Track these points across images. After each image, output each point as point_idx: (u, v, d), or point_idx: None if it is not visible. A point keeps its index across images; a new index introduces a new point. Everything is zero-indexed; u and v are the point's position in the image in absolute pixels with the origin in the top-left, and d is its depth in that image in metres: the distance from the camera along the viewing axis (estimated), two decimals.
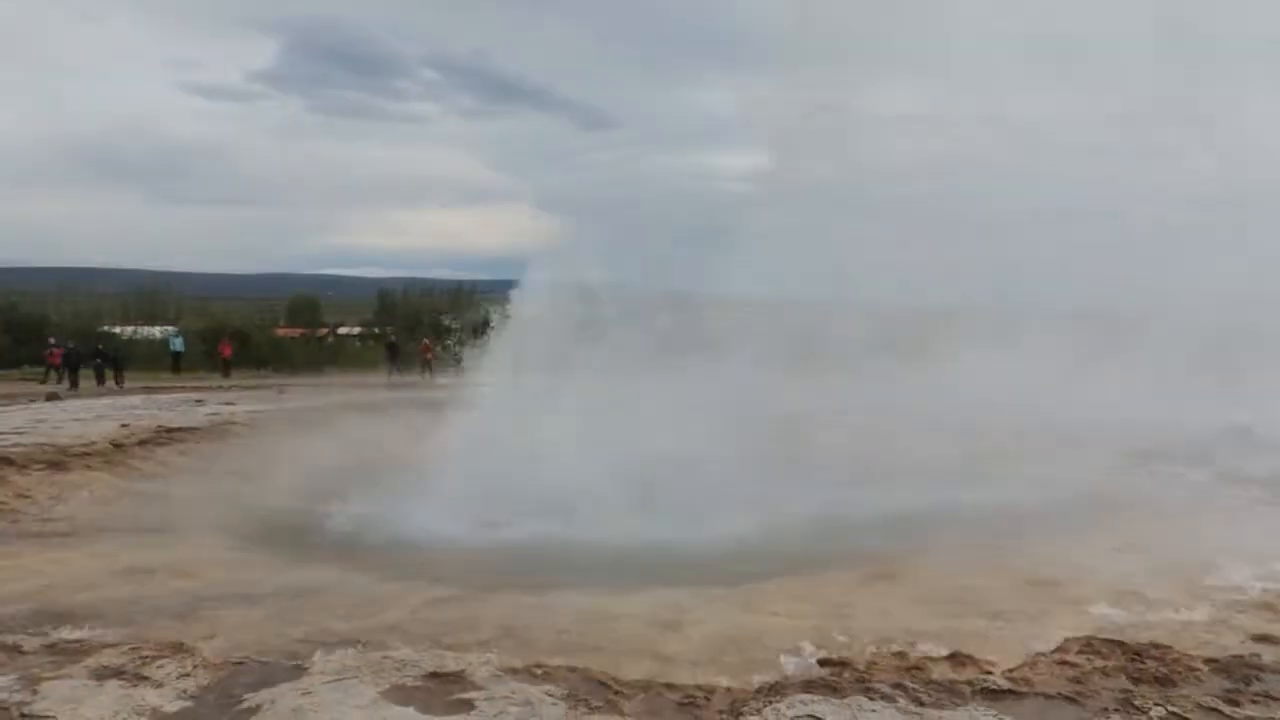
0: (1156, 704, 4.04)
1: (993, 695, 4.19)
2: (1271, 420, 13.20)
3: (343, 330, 48.11)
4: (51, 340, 27.48)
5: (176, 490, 10.75)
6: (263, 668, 4.56)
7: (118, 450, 11.64)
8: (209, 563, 7.53)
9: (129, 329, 37.69)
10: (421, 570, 7.50)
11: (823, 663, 4.69)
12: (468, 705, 4.02)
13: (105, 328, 35.75)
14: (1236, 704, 4.07)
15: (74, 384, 24.46)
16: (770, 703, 4.03)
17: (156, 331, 37.46)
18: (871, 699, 4.07)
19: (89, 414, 15.26)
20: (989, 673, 4.49)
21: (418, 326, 40.47)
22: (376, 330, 43.08)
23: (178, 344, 31.41)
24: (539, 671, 4.44)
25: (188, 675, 4.40)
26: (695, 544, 8.79)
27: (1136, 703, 4.07)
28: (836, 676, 4.41)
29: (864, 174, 18.36)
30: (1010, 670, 4.53)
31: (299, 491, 11.47)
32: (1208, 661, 4.61)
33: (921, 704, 4.04)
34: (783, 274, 16.62)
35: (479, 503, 10.16)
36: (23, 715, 3.91)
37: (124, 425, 13.40)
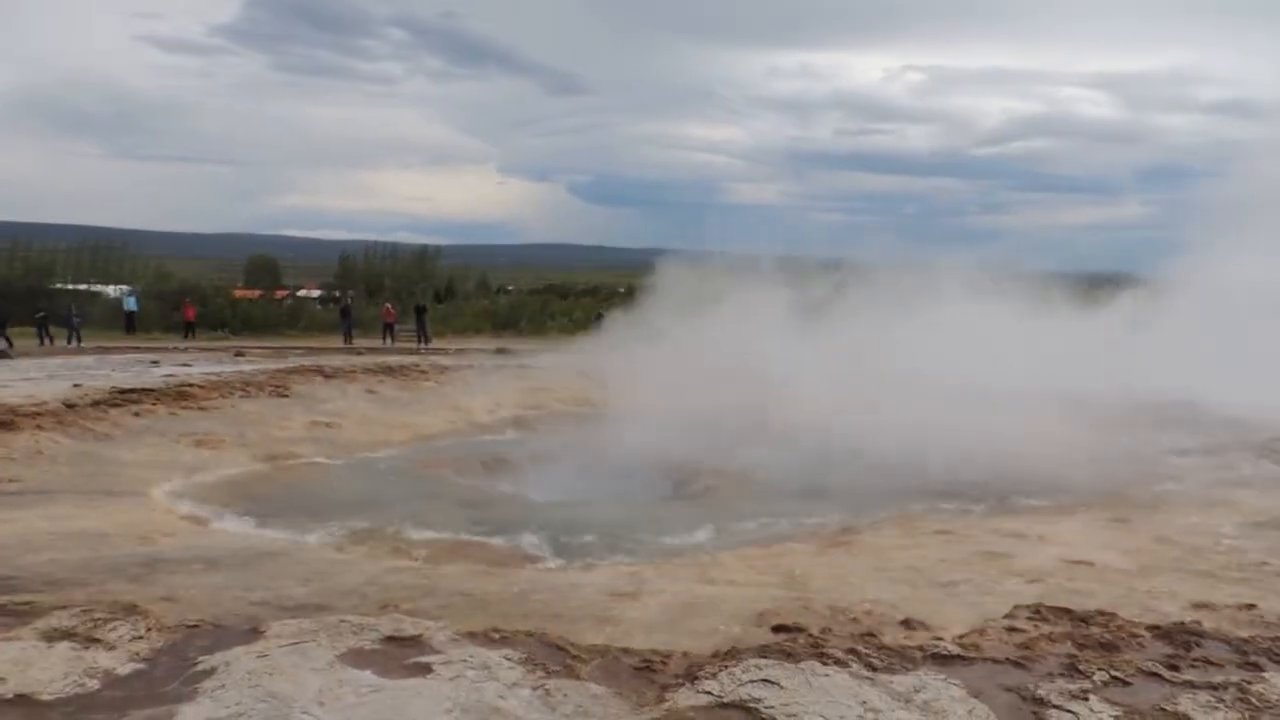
0: (1100, 669, 4.15)
1: (943, 660, 4.28)
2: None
3: (302, 293, 47.39)
4: None
5: (131, 452, 10.58)
6: (218, 631, 4.52)
7: (70, 410, 11.42)
8: (164, 526, 7.46)
9: (81, 286, 36.83)
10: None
11: (777, 628, 4.76)
12: (425, 668, 4.03)
13: (58, 284, 34.90)
14: (1176, 669, 4.19)
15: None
16: (725, 667, 4.08)
17: (111, 290, 36.66)
18: (825, 663, 4.14)
19: (40, 373, 14.98)
20: (940, 639, 4.58)
21: (379, 290, 40.02)
22: (336, 294, 42.49)
23: (131, 304, 30.79)
24: (496, 636, 4.45)
25: (141, 638, 4.36)
26: None
27: (1081, 667, 4.17)
28: (791, 642, 4.48)
29: None
30: (960, 636, 4.63)
31: (258, 454, 11.36)
32: (1150, 628, 4.74)
33: (874, 668, 4.12)
34: None
35: None
36: None
37: (76, 385, 13.16)
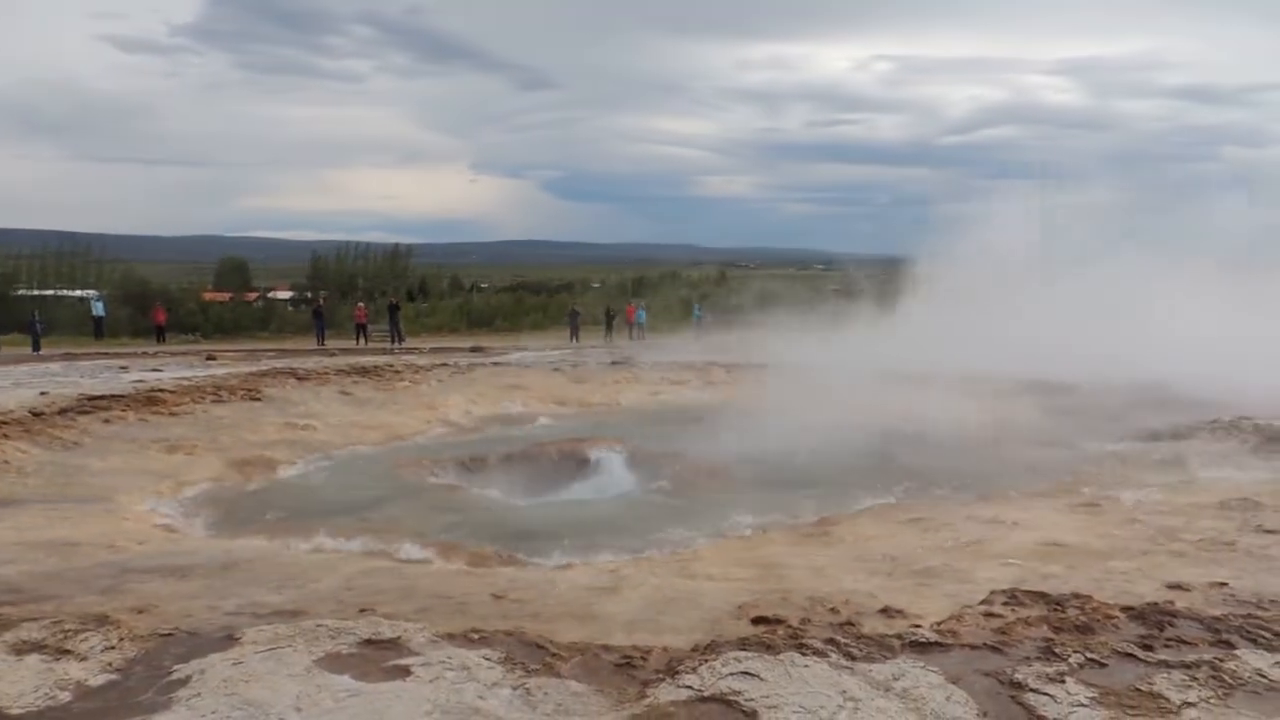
0: (1076, 651, 4.18)
1: (921, 648, 4.30)
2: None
3: (273, 295, 46.94)
4: None
5: (101, 460, 10.43)
6: (192, 639, 4.46)
7: (37, 419, 11.23)
8: (136, 534, 7.35)
9: (48, 292, 36.27)
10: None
11: (756, 620, 4.76)
12: (404, 671, 4.00)
13: (21, 290, 34.34)
14: (1150, 649, 4.24)
15: None
16: (705, 661, 4.08)
17: (78, 294, 36.14)
18: (804, 654, 4.15)
19: (6, 381, 14.72)
20: (918, 626, 4.61)
21: (351, 291, 39.72)
22: (309, 295, 42.15)
23: (99, 308, 30.35)
24: (475, 636, 4.43)
25: (113, 648, 4.29)
26: None
27: (1057, 650, 4.21)
28: (771, 634, 4.49)
29: None
30: (938, 623, 4.66)
31: (231, 459, 11.23)
32: (1125, 609, 4.79)
33: (853, 658, 4.13)
34: None
35: None
36: None
37: (43, 393, 12.96)
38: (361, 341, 27.94)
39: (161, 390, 13.86)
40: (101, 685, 3.91)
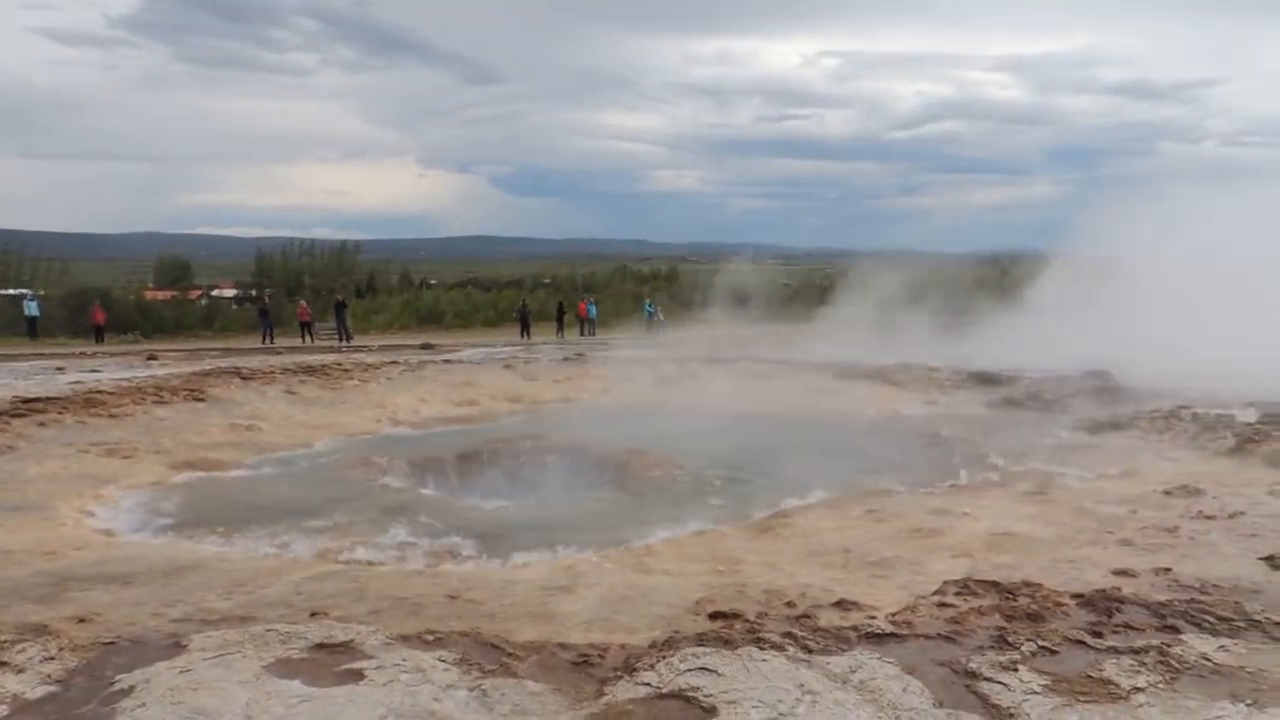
0: (1028, 639, 4.25)
1: (876, 639, 4.33)
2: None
3: (216, 292, 45.99)
4: None
5: (37, 465, 10.09)
6: (136, 647, 4.34)
7: None
8: (74, 540, 7.12)
9: None
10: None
11: (714, 615, 4.76)
12: (357, 675, 3.92)
13: None
14: (1100, 635, 4.32)
15: None
16: (664, 657, 4.06)
17: (10, 294, 35.01)
18: (762, 649, 4.15)
19: None
20: (873, 618, 4.65)
21: (299, 289, 39.09)
22: (254, 292, 41.36)
23: (33, 308, 29.41)
24: (430, 638, 4.36)
25: (52, 659, 4.15)
26: None
27: (1009, 639, 4.27)
28: (728, 629, 4.49)
29: None
30: (893, 614, 4.70)
31: (174, 462, 10.95)
32: (1074, 597, 4.89)
33: (810, 651, 4.15)
34: None
35: None
36: None
37: None
38: (308, 340, 27.48)
39: (100, 392, 13.48)
40: (40, 698, 3.78)
